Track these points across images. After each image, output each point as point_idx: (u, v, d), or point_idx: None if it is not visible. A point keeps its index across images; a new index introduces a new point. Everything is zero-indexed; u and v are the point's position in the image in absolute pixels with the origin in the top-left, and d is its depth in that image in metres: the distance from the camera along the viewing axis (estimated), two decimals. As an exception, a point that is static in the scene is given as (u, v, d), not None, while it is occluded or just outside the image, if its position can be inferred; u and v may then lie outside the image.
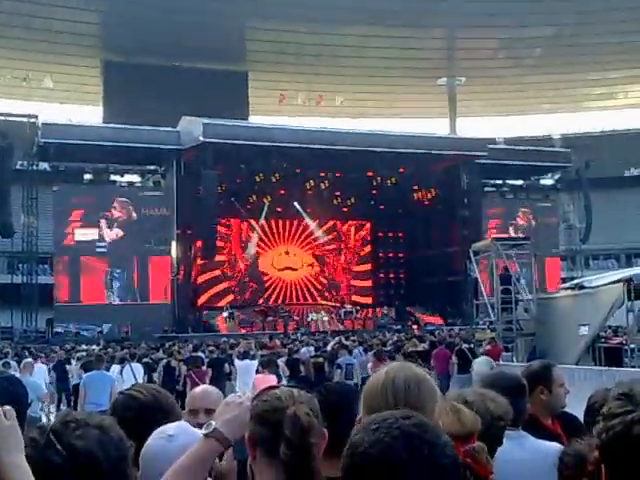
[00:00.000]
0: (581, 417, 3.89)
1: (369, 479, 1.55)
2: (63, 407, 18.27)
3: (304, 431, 2.20)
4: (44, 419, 12.04)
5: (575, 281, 20.61)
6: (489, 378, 3.65)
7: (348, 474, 1.62)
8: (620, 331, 21.02)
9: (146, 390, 3.18)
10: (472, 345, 22.74)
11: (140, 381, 13.16)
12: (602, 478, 1.99)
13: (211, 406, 3.39)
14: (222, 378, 15.63)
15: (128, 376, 14.42)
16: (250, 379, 13.02)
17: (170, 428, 2.59)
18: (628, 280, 15.76)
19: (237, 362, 16.97)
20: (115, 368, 15.91)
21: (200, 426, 3.26)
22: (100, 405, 12.82)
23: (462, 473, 1.65)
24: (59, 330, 37.90)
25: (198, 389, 3.89)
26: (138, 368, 15.56)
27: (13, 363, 17.56)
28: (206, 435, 2.35)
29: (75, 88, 60.70)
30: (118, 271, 39.80)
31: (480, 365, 16.40)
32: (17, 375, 11.97)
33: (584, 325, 16.67)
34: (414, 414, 1.64)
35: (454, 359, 18.77)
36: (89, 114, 58.13)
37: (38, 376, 14.08)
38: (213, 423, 2.38)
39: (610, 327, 20.92)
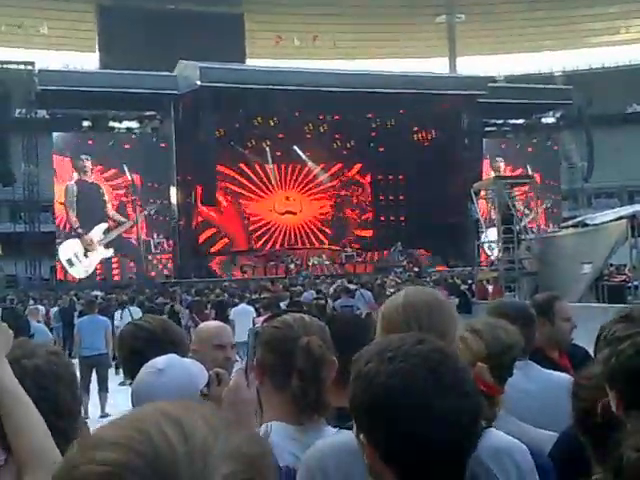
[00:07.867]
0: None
1: (393, 413, 1.41)
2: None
3: (317, 363, 2.16)
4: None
5: (578, 219, 20.46)
6: (497, 307, 3.60)
7: (365, 408, 1.47)
8: (623, 268, 21.03)
9: (154, 320, 3.16)
10: (471, 285, 22.97)
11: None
12: (614, 406, 1.93)
13: (233, 341, 3.44)
14: (224, 322, 15.62)
15: (126, 320, 14.52)
16: (248, 323, 13.02)
17: (160, 361, 2.49)
18: (631, 217, 15.66)
19: (234, 307, 17.01)
20: (117, 313, 16.10)
21: (228, 360, 3.28)
22: (96, 349, 12.95)
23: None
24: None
25: (217, 324, 3.77)
26: (137, 311, 15.69)
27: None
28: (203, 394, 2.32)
29: (71, 34, 59.84)
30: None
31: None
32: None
33: (587, 263, 16.62)
34: (427, 338, 1.53)
35: (454, 300, 18.84)
36: (86, 61, 57.39)
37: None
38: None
39: (612, 265, 20.87)
